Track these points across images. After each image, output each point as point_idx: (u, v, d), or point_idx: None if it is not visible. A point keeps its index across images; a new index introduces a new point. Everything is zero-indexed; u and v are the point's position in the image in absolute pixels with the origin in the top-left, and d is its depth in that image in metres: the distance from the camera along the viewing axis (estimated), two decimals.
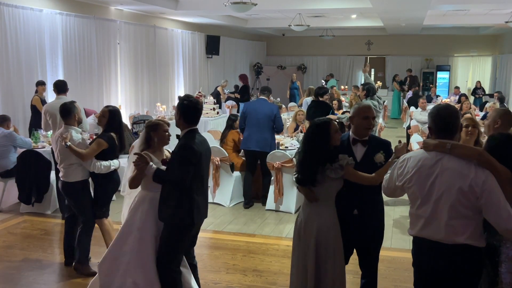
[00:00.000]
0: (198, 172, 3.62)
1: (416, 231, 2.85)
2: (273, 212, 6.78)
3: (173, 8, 11.57)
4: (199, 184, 3.67)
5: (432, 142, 2.80)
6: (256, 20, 16.29)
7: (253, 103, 7.71)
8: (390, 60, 20.67)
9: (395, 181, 2.96)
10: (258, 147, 6.83)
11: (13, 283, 4.61)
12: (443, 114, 2.82)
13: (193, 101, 3.71)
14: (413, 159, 2.86)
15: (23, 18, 8.56)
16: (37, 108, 8.16)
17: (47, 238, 5.80)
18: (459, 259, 2.71)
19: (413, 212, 2.87)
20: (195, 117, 3.72)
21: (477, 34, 19.00)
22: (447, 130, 2.80)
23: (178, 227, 3.63)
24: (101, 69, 10.69)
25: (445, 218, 2.70)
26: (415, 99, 13.16)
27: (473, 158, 2.69)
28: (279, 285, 4.59)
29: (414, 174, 2.81)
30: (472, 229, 2.69)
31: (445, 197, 2.70)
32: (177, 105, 3.76)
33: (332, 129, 3.51)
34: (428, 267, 2.81)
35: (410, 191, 2.86)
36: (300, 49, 21.20)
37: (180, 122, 3.70)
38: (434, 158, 2.77)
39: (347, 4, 11.43)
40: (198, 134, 3.72)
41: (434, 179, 2.74)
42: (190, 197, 3.59)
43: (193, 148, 3.56)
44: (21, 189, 6.49)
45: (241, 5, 8.87)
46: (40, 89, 8.32)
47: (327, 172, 3.45)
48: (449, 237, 2.70)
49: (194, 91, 14.39)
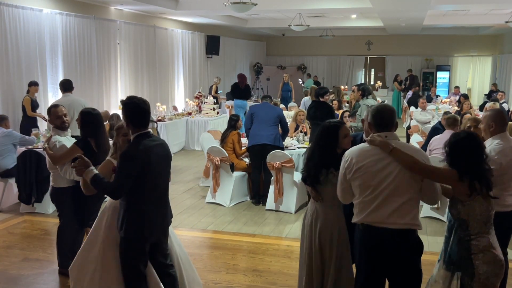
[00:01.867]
0: (149, 181, 3.31)
1: (362, 218, 3.02)
2: (273, 212, 6.78)
3: (173, 8, 11.57)
4: (151, 195, 3.36)
5: (377, 139, 2.99)
6: (256, 20, 16.29)
7: (259, 105, 7.82)
8: (390, 60, 20.68)
9: (344, 178, 3.10)
10: (268, 141, 6.91)
11: (13, 283, 4.60)
12: (384, 112, 3.10)
13: (137, 102, 3.36)
14: (359, 152, 3.04)
15: (23, 18, 8.56)
16: (25, 109, 8.15)
17: (47, 238, 5.80)
18: (403, 241, 2.94)
19: (361, 200, 3.02)
20: (142, 119, 3.35)
21: (477, 34, 19.00)
22: (386, 126, 3.06)
23: (128, 240, 3.34)
24: (101, 69, 10.69)
25: (393, 203, 2.92)
26: (415, 99, 13.16)
27: (406, 167, 2.90)
28: (279, 285, 4.59)
29: (365, 164, 2.98)
30: (414, 214, 2.96)
31: (396, 184, 2.91)
32: (121, 108, 3.45)
33: (341, 133, 3.51)
34: (375, 251, 3.00)
35: (358, 182, 3.01)
36: (300, 49, 21.20)
37: (129, 127, 3.38)
38: (379, 149, 2.99)
39: (347, 4, 11.43)
40: (148, 139, 3.34)
41: (384, 168, 2.94)
42: (138, 209, 3.30)
43: (132, 159, 3.23)
44: (21, 189, 6.49)
45: (241, 5, 8.87)
46: (32, 90, 8.25)
47: (330, 176, 3.46)
48: (395, 220, 2.91)
49: (194, 91, 14.40)
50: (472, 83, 20.12)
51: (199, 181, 8.30)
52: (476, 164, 2.93)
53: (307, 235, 3.65)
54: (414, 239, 2.99)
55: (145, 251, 3.42)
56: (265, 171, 7.03)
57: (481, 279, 2.92)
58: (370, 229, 2.99)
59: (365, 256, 3.05)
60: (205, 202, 7.25)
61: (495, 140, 3.64)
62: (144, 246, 3.40)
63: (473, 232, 2.95)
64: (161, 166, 3.41)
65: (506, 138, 3.65)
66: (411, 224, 2.93)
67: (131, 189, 3.28)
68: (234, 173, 7.16)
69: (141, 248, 3.39)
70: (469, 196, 2.89)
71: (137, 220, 3.32)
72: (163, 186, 3.49)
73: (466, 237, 2.97)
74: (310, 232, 3.61)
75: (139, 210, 3.32)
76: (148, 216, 3.34)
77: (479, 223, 2.93)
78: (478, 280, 2.93)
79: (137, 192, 3.30)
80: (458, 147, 2.96)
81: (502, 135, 3.63)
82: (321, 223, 3.55)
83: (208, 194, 7.34)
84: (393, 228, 2.91)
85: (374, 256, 3.01)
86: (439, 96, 15.83)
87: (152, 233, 3.39)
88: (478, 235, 2.95)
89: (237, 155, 7.36)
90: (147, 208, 3.34)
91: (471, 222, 2.93)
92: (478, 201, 2.90)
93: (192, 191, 7.91)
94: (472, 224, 2.94)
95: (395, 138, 3.04)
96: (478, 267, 2.92)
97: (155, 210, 3.39)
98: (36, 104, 8.40)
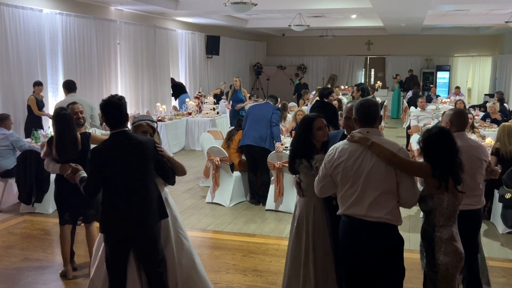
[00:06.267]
0: (107, 179, 3.39)
1: (343, 210, 3.11)
2: (273, 212, 6.78)
3: (173, 8, 11.58)
4: (112, 192, 3.42)
5: (357, 136, 3.06)
6: (256, 20, 16.29)
7: (258, 104, 7.83)
8: (390, 60, 20.68)
9: (326, 172, 3.16)
10: (253, 142, 6.89)
11: (13, 283, 4.61)
12: (366, 106, 3.13)
13: (108, 102, 3.42)
14: (342, 148, 3.12)
15: (23, 18, 8.56)
16: (31, 108, 8.26)
17: (47, 238, 5.80)
18: (379, 235, 2.99)
19: (342, 194, 3.10)
20: (114, 118, 3.42)
21: (477, 34, 19.00)
22: (369, 120, 3.11)
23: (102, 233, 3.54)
24: (101, 69, 10.69)
25: (369, 196, 2.98)
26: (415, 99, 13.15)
27: (385, 160, 2.97)
28: (279, 285, 4.59)
29: (344, 159, 3.06)
30: (390, 208, 2.99)
31: (371, 177, 2.98)
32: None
33: (315, 125, 3.66)
34: (354, 243, 3.06)
35: (339, 177, 3.09)
36: (300, 49, 21.21)
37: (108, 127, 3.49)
38: (359, 145, 3.06)
39: (347, 4, 11.44)
40: (120, 138, 3.40)
41: (361, 162, 3.01)
42: (103, 204, 3.45)
43: (91, 157, 3.39)
44: (21, 189, 6.49)
45: (241, 5, 8.88)
46: (37, 90, 8.42)
47: (301, 166, 3.64)
48: (371, 213, 2.97)
49: (194, 91, 14.40)
50: (472, 83, 20.11)
51: (199, 181, 8.30)
52: (445, 158, 3.02)
53: (292, 227, 3.83)
54: (391, 233, 3.02)
55: (117, 248, 3.46)
56: (261, 171, 7.03)
57: (441, 270, 3.06)
58: (350, 220, 3.07)
59: (346, 247, 3.13)
60: (205, 202, 7.26)
61: None
62: (111, 242, 3.46)
63: (438, 224, 3.07)
64: (124, 165, 3.38)
65: (462, 138, 3.68)
66: (386, 219, 2.97)
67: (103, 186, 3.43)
68: (234, 173, 7.16)
69: (108, 242, 3.47)
70: (437, 189, 2.99)
71: (102, 214, 3.47)
72: (127, 185, 3.41)
73: (431, 228, 3.11)
74: (292, 222, 3.83)
75: (103, 205, 3.46)
76: (106, 211, 3.44)
77: (444, 216, 3.05)
78: (438, 271, 3.07)
79: (103, 189, 3.44)
80: (430, 141, 3.08)
81: (458, 134, 3.66)
82: (299, 213, 3.75)
83: (208, 194, 7.34)
84: (370, 220, 2.98)
85: (354, 248, 3.06)
86: (439, 96, 15.83)
87: (113, 229, 3.45)
88: (442, 227, 3.07)
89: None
90: (109, 205, 3.43)
91: (437, 215, 3.05)
92: (447, 195, 3.01)
93: (192, 191, 7.91)
94: (438, 217, 3.05)
95: (377, 134, 3.11)
96: (439, 258, 3.06)
97: (116, 207, 3.42)
98: (42, 103, 8.50)
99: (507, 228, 5.89)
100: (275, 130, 6.96)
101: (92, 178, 3.43)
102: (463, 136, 3.77)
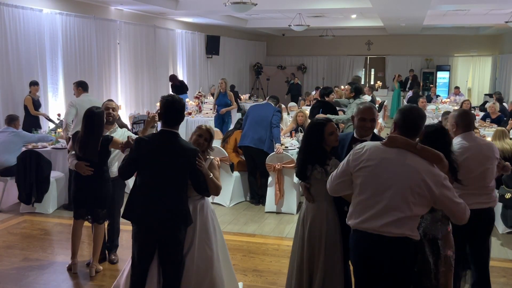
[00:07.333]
0: (140, 169, 3.49)
1: (358, 222, 2.87)
2: (273, 212, 6.77)
3: (173, 8, 11.58)
4: (141, 181, 3.50)
5: (400, 139, 2.83)
6: (256, 20, 16.30)
7: (258, 105, 7.81)
8: (390, 60, 20.68)
9: (346, 168, 2.95)
10: (252, 143, 6.86)
11: (13, 283, 4.60)
12: (415, 115, 2.89)
13: (170, 101, 3.51)
14: (374, 150, 2.87)
15: (23, 18, 8.56)
16: (28, 108, 8.26)
17: (47, 238, 5.80)
18: (398, 250, 2.79)
19: (359, 201, 2.89)
20: (170, 118, 3.50)
21: (477, 34, 19.00)
22: (413, 131, 2.88)
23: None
24: (101, 69, 10.70)
25: (393, 215, 2.76)
26: (415, 99, 13.15)
27: (436, 162, 2.82)
28: (279, 285, 4.58)
29: (374, 165, 2.83)
30: (410, 226, 2.80)
31: (402, 195, 2.75)
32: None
33: (327, 130, 3.55)
34: (368, 257, 2.87)
35: (361, 180, 2.87)
36: (300, 49, 21.21)
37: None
38: (395, 153, 2.82)
39: (347, 4, 11.44)
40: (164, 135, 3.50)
41: (394, 175, 2.78)
42: (131, 192, 3.54)
43: (135, 141, 3.52)
44: (21, 189, 6.49)
45: (241, 5, 8.88)
46: (33, 89, 8.42)
47: (314, 173, 3.55)
48: (392, 230, 2.76)
49: (194, 91, 14.40)
50: (472, 83, 20.12)
51: None
52: (446, 153, 3.02)
53: (299, 231, 3.74)
54: (410, 246, 2.85)
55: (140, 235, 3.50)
56: (260, 172, 7.03)
57: (442, 260, 3.13)
58: (364, 236, 2.86)
59: (359, 261, 2.97)
60: None
61: (456, 140, 3.71)
62: (137, 229, 3.51)
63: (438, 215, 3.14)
64: (159, 164, 3.45)
65: (470, 138, 3.71)
66: (408, 234, 2.80)
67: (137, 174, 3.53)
68: (234, 173, 7.16)
69: (134, 229, 3.53)
70: None
71: (128, 200, 3.54)
72: (157, 183, 3.48)
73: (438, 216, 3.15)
74: (302, 228, 3.71)
75: (131, 192, 3.54)
76: (132, 199, 3.51)
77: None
78: (442, 259, 3.13)
79: (137, 176, 3.53)
80: (432, 137, 3.12)
81: (465, 135, 3.69)
82: (311, 219, 3.63)
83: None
84: (388, 236, 2.79)
85: (368, 261, 2.90)
86: (439, 96, 15.82)
87: (134, 217, 3.51)
88: (443, 219, 3.14)
89: (239, 153, 7.39)
90: (136, 193, 3.51)
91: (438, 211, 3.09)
92: None
93: None
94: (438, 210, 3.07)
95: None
96: (442, 248, 3.14)
97: (143, 197, 3.47)
98: (38, 103, 8.50)
99: (507, 228, 5.90)
100: (275, 131, 6.93)
101: (128, 162, 3.50)
102: (470, 136, 3.75)
